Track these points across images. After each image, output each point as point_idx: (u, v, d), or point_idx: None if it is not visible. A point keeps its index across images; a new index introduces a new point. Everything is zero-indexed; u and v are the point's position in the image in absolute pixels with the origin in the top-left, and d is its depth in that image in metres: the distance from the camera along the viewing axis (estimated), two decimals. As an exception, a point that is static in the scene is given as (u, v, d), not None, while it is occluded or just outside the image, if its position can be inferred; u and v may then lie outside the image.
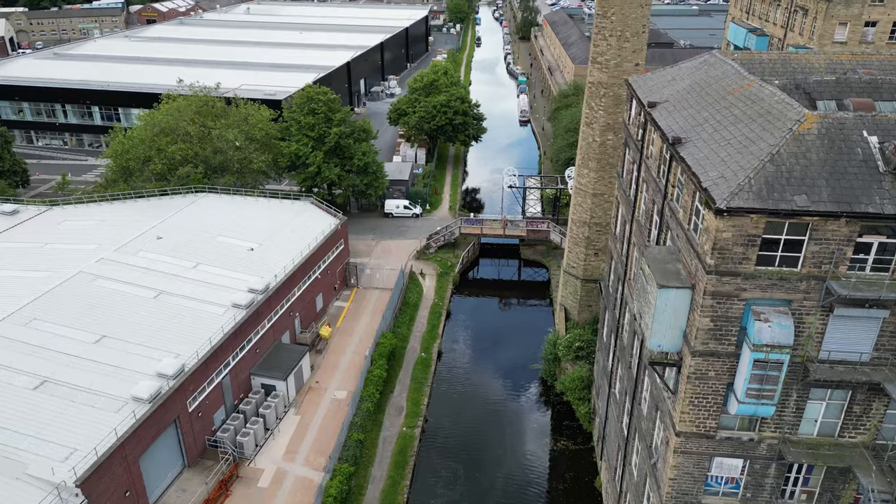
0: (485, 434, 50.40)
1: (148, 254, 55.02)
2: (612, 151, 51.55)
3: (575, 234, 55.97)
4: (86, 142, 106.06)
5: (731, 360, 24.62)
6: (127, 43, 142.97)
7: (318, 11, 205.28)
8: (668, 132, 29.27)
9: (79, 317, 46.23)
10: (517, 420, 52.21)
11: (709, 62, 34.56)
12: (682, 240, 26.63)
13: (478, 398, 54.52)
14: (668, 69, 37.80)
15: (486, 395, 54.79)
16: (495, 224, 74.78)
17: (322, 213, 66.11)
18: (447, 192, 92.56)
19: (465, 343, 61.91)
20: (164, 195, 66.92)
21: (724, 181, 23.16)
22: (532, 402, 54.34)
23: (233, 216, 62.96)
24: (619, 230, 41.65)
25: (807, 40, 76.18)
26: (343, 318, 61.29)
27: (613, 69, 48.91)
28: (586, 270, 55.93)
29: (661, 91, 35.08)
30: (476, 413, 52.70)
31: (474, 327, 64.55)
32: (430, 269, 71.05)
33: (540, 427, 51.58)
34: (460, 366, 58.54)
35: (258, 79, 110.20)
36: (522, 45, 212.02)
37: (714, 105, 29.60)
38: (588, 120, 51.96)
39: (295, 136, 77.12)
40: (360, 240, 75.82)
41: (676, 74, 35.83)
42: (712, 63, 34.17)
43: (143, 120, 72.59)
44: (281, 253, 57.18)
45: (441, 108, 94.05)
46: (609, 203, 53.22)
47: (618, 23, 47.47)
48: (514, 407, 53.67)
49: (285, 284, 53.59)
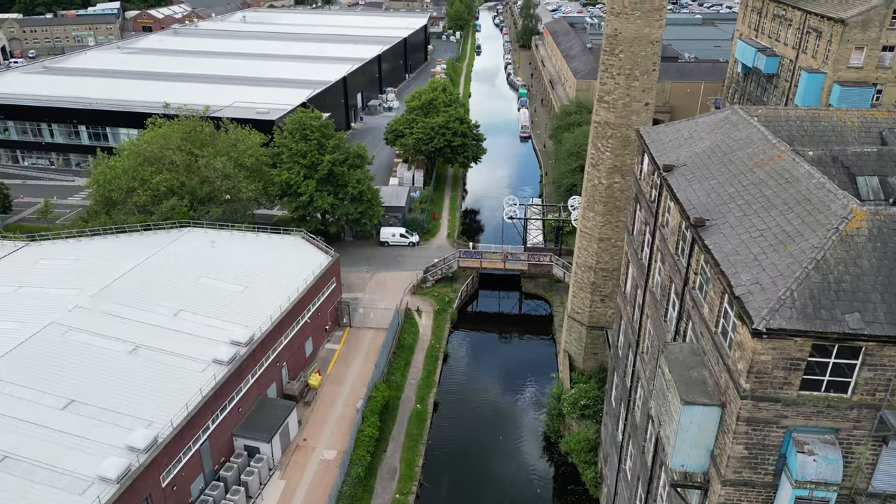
0: (483, 500, 47.08)
1: (126, 300, 51.75)
2: (620, 194, 48.34)
3: (580, 279, 52.73)
4: (73, 161, 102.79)
5: (768, 490, 21.38)
6: (118, 55, 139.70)
7: (314, 19, 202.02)
8: (689, 209, 26.03)
9: (47, 377, 42.97)
10: (518, 482, 48.84)
11: (730, 120, 31.29)
12: (707, 340, 23.39)
13: (475, 457, 51.08)
14: (684, 122, 34.53)
15: (484, 454, 51.34)
16: (495, 256, 71.51)
17: (313, 248, 62.87)
18: (445, 216, 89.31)
19: (463, 391, 58.57)
20: (147, 230, 63.70)
21: (760, 291, 19.91)
22: (534, 461, 50.97)
23: (218, 254, 59.70)
24: (629, 291, 38.40)
25: (820, 64, 72.95)
26: (334, 362, 58.07)
27: (621, 109, 45.69)
28: (592, 317, 52.70)
29: (677, 150, 31.84)
30: (474, 475, 49.37)
31: (473, 372, 61.22)
32: (426, 305, 67.76)
33: (543, 490, 48.29)
34: (458, 418, 55.21)
35: (251, 95, 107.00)
36: (523, 53, 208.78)
37: (740, 178, 26.35)
38: (594, 161, 48.72)
39: (286, 164, 73.91)
40: (353, 272, 72.56)
41: (694, 131, 32.57)
42: (734, 122, 30.90)
43: (126, 148, 69.29)
44: (269, 295, 53.98)
45: (439, 129, 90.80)
46: (616, 248, 50.03)
47: (626, 61, 44.25)
48: (514, 467, 50.30)
49: (272, 333, 50.38)
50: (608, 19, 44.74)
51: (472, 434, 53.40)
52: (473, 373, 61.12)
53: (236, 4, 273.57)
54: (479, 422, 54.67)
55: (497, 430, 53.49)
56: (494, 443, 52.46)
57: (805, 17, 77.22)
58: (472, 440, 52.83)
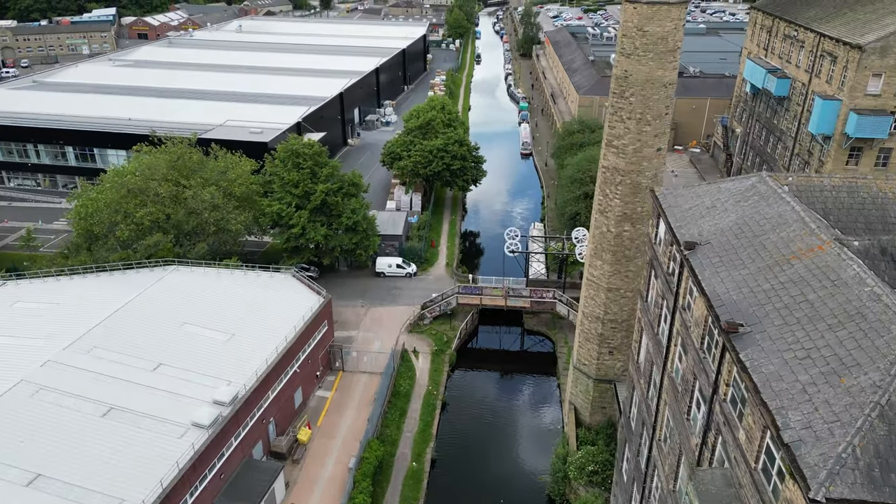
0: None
1: (103, 352, 48.58)
2: (630, 244, 45.20)
3: (586, 329, 49.55)
4: (59, 183, 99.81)
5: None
6: (110, 69, 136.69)
7: (311, 28, 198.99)
8: (718, 306, 22.86)
9: (13, 448, 39.78)
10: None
11: (759, 191, 28.12)
12: (743, 473, 20.23)
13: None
14: (704, 187, 31.35)
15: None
16: (496, 292, 68.31)
17: (304, 288, 59.67)
18: (444, 242, 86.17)
19: (463, 444, 55.31)
20: (130, 268, 60.53)
21: (814, 441, 16.73)
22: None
23: (204, 296, 56.55)
24: (642, 363, 35.24)
25: (835, 90, 69.80)
26: (325, 412, 54.90)
27: (632, 155, 42.55)
28: (599, 370, 49.56)
29: (698, 222, 28.67)
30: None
31: (472, 423, 57.88)
32: (424, 345, 64.57)
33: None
34: (456, 476, 51.96)
35: (244, 113, 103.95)
36: (524, 62, 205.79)
37: (776, 271, 23.19)
38: (601, 207, 45.56)
39: (277, 193, 70.80)
40: (348, 306, 69.44)
41: (717, 200, 29.40)
42: (764, 194, 27.73)
43: (109, 180, 66.06)
44: (256, 344, 50.86)
45: (437, 152, 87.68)
46: (626, 298, 46.89)
47: (638, 105, 41.12)
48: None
49: (258, 389, 47.21)
50: (618, 60, 41.65)
51: (472, 495, 50.15)
52: (473, 423, 57.85)
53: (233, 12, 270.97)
54: (479, 481, 51.43)
55: (498, 491, 50.21)
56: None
57: (819, 39, 74.09)
58: (472, 503, 49.61)
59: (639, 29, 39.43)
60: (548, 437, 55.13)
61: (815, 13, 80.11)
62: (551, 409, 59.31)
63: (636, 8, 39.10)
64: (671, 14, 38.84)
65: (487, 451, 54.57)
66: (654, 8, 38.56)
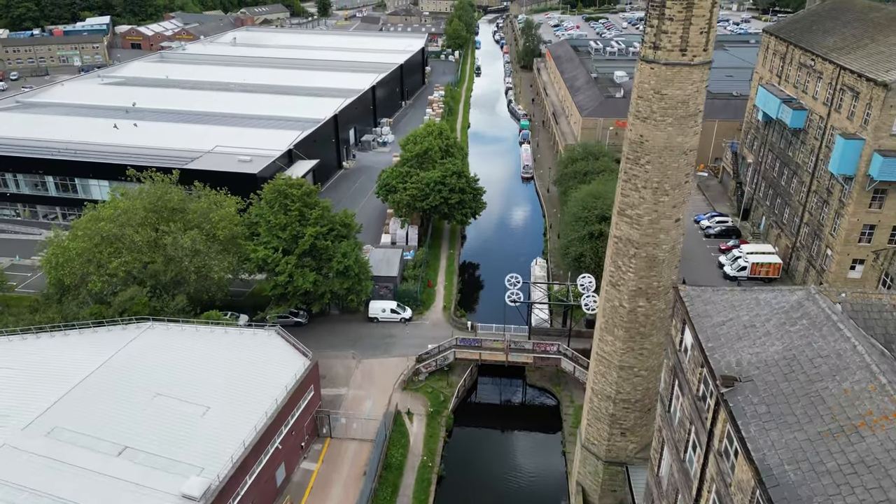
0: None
1: (64, 433, 44.22)
2: (645, 320, 40.85)
3: (596, 407, 45.19)
4: (40, 213, 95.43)
5: None
6: (98, 87, 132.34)
7: (307, 41, 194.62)
8: (773, 489, 18.49)
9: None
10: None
11: (809, 313, 23.78)
12: None
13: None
14: (738, 294, 27.00)
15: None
16: (496, 345, 63.87)
17: (289, 349, 55.30)
18: (441, 281, 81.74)
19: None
20: (101, 325, 56.20)
21: None
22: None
23: (179, 361, 52.21)
24: (664, 478, 30.87)
25: (857, 128, 65.50)
26: (310, 489, 50.47)
27: (647, 226, 38.20)
28: (610, 451, 45.21)
29: (734, 345, 24.30)
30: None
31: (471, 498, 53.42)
32: (418, 404, 60.18)
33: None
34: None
35: (235, 137, 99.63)
36: (524, 74, 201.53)
37: (842, 441, 18.85)
38: (613, 280, 41.21)
39: (263, 237, 66.44)
40: (337, 358, 65.09)
41: (757, 317, 25.04)
42: (815, 319, 23.38)
43: (82, 228, 61.66)
44: (234, 420, 46.48)
45: (435, 185, 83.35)
46: (640, 377, 42.57)
47: (654, 173, 36.78)
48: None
49: (235, 476, 42.82)
50: (632, 122, 37.31)
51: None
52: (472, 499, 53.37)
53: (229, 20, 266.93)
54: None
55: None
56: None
57: (839, 72, 69.74)
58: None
59: (656, 92, 35.12)
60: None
61: (833, 42, 75.79)
62: (556, 481, 54.85)
63: (653, 69, 34.78)
64: (692, 76, 34.55)
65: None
66: (673, 70, 34.25)
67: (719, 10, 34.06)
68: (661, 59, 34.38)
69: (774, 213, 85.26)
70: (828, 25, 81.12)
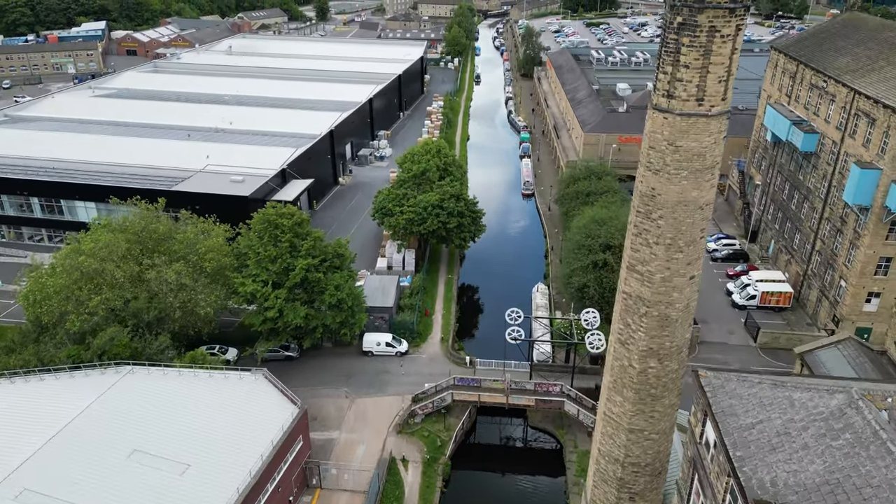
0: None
1: (34, 496, 41.29)
2: (656, 381, 37.85)
3: (603, 470, 42.24)
4: (25, 235, 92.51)
5: None
6: (88, 100, 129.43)
7: (304, 49, 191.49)
8: None
9: None
10: None
11: (853, 425, 20.85)
12: None
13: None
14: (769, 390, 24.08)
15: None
16: (496, 385, 60.92)
17: (276, 395, 52.40)
18: (439, 309, 78.78)
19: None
20: (78, 369, 53.26)
21: None
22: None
23: (159, 411, 49.23)
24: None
25: (874, 157, 62.60)
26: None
27: (659, 284, 35.23)
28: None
29: (768, 457, 21.37)
30: None
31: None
32: (414, 450, 57.20)
33: None
34: None
35: (227, 154, 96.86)
36: (525, 82, 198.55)
37: None
38: (622, 338, 38.26)
39: (252, 269, 63.51)
40: (329, 397, 62.23)
41: (791, 422, 22.12)
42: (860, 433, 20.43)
43: (61, 263, 58.76)
44: (215, 480, 43.56)
45: (432, 209, 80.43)
46: (651, 441, 39.58)
47: (668, 229, 33.84)
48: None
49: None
50: (642, 174, 34.37)
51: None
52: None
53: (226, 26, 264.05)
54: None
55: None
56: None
57: (853, 96, 66.82)
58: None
59: (670, 143, 32.17)
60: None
61: (846, 63, 72.86)
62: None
63: (667, 119, 31.83)
64: (709, 128, 31.60)
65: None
66: (689, 121, 31.31)
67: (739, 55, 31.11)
68: (675, 108, 31.43)
69: (784, 238, 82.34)
70: (839, 44, 78.19)
